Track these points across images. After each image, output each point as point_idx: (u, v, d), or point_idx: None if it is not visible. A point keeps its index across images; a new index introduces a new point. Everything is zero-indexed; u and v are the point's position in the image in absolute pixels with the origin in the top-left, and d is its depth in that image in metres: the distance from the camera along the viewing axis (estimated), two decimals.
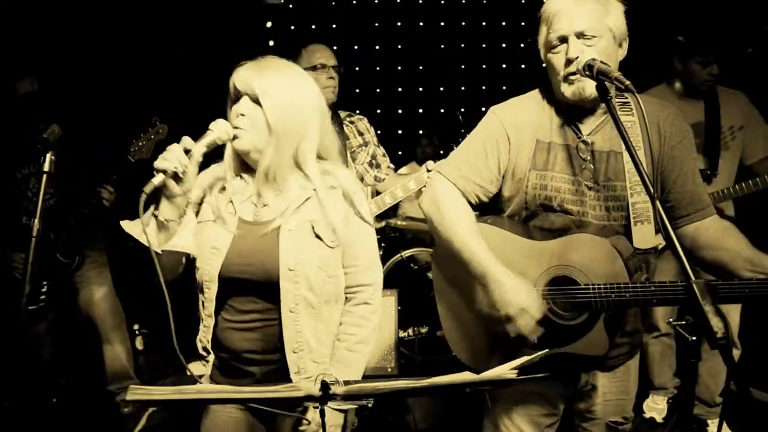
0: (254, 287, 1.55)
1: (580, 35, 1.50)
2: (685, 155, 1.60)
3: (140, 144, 2.82)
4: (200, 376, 1.61)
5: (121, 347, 3.25)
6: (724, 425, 2.95)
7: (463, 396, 3.34)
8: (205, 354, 1.62)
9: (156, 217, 1.46)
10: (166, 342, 1.51)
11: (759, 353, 3.21)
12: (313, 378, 1.54)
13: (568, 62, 1.52)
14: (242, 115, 1.52)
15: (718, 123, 2.82)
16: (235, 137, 1.53)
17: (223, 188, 1.61)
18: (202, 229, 1.60)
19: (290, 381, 1.55)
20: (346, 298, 1.66)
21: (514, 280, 1.55)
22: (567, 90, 1.54)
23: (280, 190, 1.59)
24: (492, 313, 1.58)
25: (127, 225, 1.48)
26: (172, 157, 1.41)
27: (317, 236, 1.56)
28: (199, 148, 1.47)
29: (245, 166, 1.62)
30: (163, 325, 1.39)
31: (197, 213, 1.63)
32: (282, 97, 1.52)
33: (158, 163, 1.42)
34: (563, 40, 1.52)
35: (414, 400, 3.36)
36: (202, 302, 1.59)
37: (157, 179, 1.41)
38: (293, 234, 1.55)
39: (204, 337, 1.61)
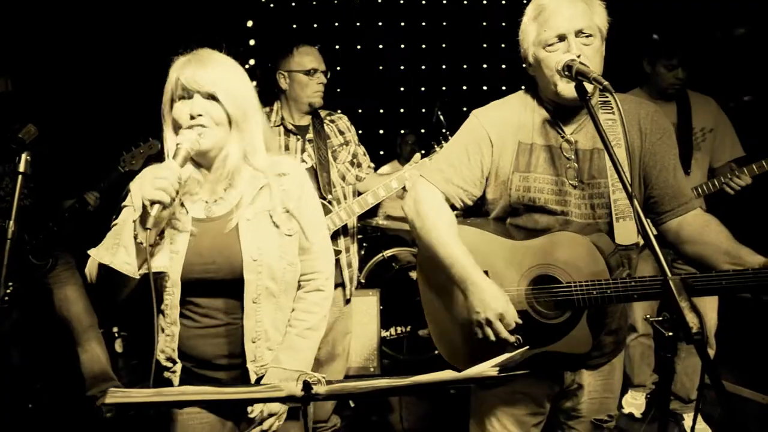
0: (218, 286, 1.52)
1: (579, 33, 1.50)
2: (666, 151, 1.62)
3: (132, 157, 2.88)
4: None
5: (98, 348, 3.20)
6: (699, 418, 3.02)
7: (449, 395, 3.38)
8: (170, 365, 1.56)
9: (137, 242, 1.40)
10: (146, 345, 1.50)
11: (736, 349, 3.29)
12: (268, 364, 1.56)
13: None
14: (200, 115, 1.46)
15: (690, 124, 2.90)
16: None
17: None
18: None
19: (248, 376, 1.54)
20: (300, 284, 1.65)
21: (492, 286, 1.56)
22: (565, 88, 1.52)
23: (231, 184, 1.56)
24: (471, 318, 1.59)
25: (99, 254, 1.43)
26: (170, 188, 1.36)
27: (275, 224, 1.55)
28: (186, 169, 1.44)
29: (194, 166, 1.56)
30: (146, 327, 1.38)
31: None
32: (234, 87, 1.49)
33: (155, 195, 1.35)
34: (561, 38, 1.51)
35: (400, 399, 3.36)
36: (163, 310, 1.53)
37: (155, 211, 1.35)
38: (252, 224, 1.53)
39: (168, 346, 1.55)
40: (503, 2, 5.45)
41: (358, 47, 5.49)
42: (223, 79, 1.48)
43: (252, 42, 5.15)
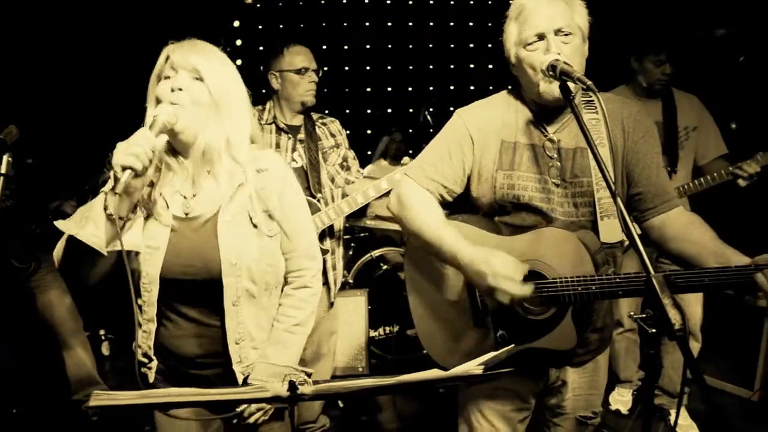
0: (196, 287, 1.50)
1: (558, 32, 1.51)
2: (649, 149, 1.64)
3: None
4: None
5: (83, 352, 3.17)
6: (685, 414, 3.06)
7: (438, 394, 3.39)
8: (146, 361, 1.55)
9: (107, 214, 1.34)
10: (132, 347, 1.48)
11: (720, 345, 3.33)
12: (253, 363, 1.56)
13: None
14: (180, 89, 1.43)
15: (675, 122, 2.93)
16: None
17: (150, 182, 1.50)
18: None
19: (233, 375, 1.53)
20: (287, 281, 1.64)
21: (484, 251, 1.54)
22: (547, 88, 1.53)
23: (211, 172, 1.52)
24: (478, 286, 1.57)
25: (66, 226, 1.37)
26: (142, 154, 1.32)
27: (255, 225, 1.53)
28: (161, 139, 1.40)
29: (171, 154, 1.52)
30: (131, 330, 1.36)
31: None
32: (221, 72, 1.48)
33: (126, 160, 1.31)
34: (541, 37, 1.53)
35: (393, 398, 3.37)
36: (141, 306, 1.51)
37: (126, 177, 1.31)
38: (231, 225, 1.50)
39: (144, 342, 1.54)
40: (489, 2, 5.47)
41: (346, 47, 5.49)
42: (212, 62, 1.47)
43: (239, 42, 5.13)
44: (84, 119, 3.89)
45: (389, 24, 5.53)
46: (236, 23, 5.17)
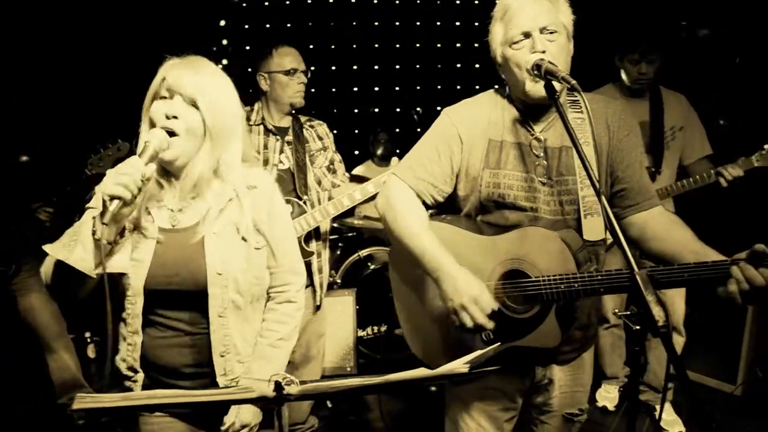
0: (182, 297, 1.49)
1: (543, 30, 1.53)
2: (632, 147, 1.66)
3: (99, 159, 2.75)
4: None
5: (67, 355, 3.13)
6: (670, 409, 3.09)
7: (426, 393, 3.39)
8: (131, 374, 1.54)
9: (95, 238, 1.34)
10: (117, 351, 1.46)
11: (704, 340, 3.37)
12: (239, 377, 1.55)
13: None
14: (175, 117, 1.43)
15: (662, 122, 2.95)
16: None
17: None
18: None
19: (218, 386, 1.53)
20: (270, 296, 1.65)
21: (465, 273, 1.57)
22: (533, 87, 1.54)
23: (199, 194, 1.53)
24: (446, 307, 1.60)
25: (55, 250, 1.37)
26: (131, 185, 1.31)
27: (243, 238, 1.53)
28: (150, 167, 1.39)
29: (161, 174, 1.53)
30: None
31: None
32: (218, 99, 1.47)
33: (115, 190, 1.30)
34: (527, 35, 1.54)
35: (378, 398, 3.37)
36: (125, 319, 1.50)
37: (114, 207, 1.30)
38: (218, 237, 1.51)
39: (130, 355, 1.52)
40: (476, 2, 5.49)
41: (332, 47, 5.48)
42: (208, 87, 1.45)
43: (225, 42, 5.10)
44: (64, 119, 3.84)
45: (376, 24, 5.53)
46: (222, 23, 5.14)
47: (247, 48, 5.12)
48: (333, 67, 5.48)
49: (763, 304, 3.11)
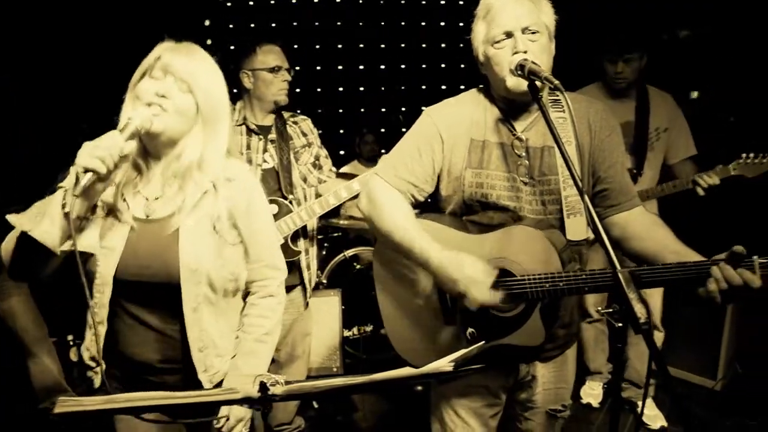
0: (153, 290, 1.46)
1: (525, 30, 1.54)
2: (614, 148, 1.68)
3: None
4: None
5: (49, 359, 3.08)
6: (652, 405, 3.13)
7: (411, 392, 3.40)
8: (93, 364, 1.51)
9: (64, 212, 1.28)
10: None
11: (685, 336, 3.42)
12: (221, 372, 1.54)
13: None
14: (164, 96, 1.39)
15: (647, 123, 2.96)
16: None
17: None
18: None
19: (197, 382, 1.50)
20: (251, 291, 1.63)
21: (455, 256, 1.56)
22: (515, 82, 1.55)
23: (182, 183, 1.48)
24: (448, 292, 1.59)
25: (19, 221, 1.30)
26: (108, 158, 1.27)
27: (218, 233, 1.50)
28: (130, 144, 1.35)
29: (141, 155, 1.48)
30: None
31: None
32: (211, 84, 1.46)
33: (89, 163, 1.25)
34: (509, 35, 1.55)
35: (362, 397, 3.37)
36: (92, 308, 1.44)
37: (86, 180, 1.26)
38: (193, 231, 1.47)
39: (92, 346, 1.49)
40: (461, 2, 5.51)
41: (317, 47, 5.47)
42: (204, 74, 1.45)
43: (209, 41, 5.06)
44: (47, 117, 3.78)
45: (360, 24, 5.53)
46: (207, 22, 5.11)
47: (232, 48, 5.09)
48: (318, 68, 5.47)
49: (741, 304, 3.17)
